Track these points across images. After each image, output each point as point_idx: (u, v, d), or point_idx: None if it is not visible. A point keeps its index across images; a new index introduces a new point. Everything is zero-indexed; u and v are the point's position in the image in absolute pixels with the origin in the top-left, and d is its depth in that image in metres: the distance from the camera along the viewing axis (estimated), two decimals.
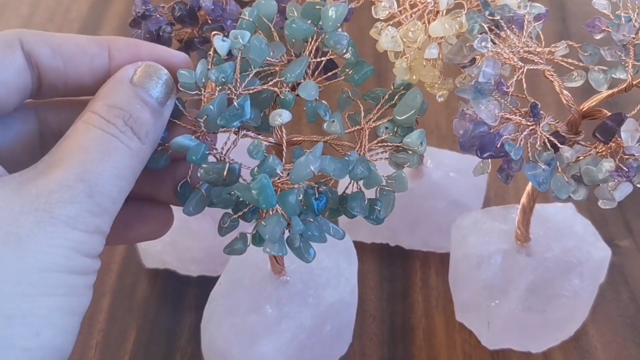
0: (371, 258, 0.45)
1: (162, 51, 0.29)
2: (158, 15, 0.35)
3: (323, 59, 0.29)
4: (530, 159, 0.29)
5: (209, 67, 0.28)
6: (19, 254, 0.22)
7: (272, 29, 0.29)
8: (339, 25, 0.28)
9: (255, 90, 0.28)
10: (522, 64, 0.30)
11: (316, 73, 0.30)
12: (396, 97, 0.30)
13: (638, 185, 0.29)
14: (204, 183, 0.28)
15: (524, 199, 0.36)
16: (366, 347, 0.40)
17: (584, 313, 0.40)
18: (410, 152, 0.28)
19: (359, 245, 0.39)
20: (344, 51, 0.29)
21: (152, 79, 0.27)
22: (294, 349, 0.35)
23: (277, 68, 0.29)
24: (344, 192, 0.28)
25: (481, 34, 0.30)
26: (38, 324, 0.22)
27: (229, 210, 0.28)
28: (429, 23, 0.33)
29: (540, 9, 0.31)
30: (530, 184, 0.35)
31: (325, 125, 0.28)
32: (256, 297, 0.35)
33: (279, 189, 0.27)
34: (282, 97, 0.28)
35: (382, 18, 0.33)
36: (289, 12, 0.30)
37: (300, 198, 0.26)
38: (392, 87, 0.31)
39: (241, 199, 0.27)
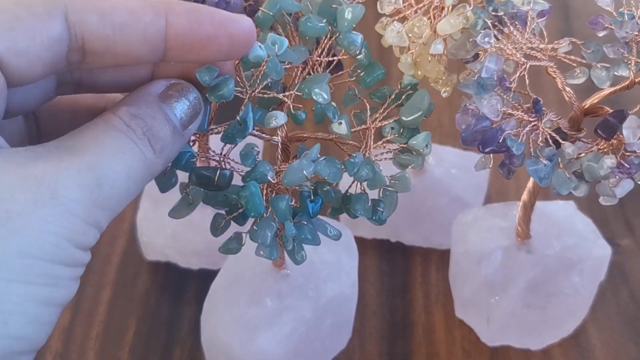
0: (372, 254, 0.45)
1: (225, 17, 0.26)
2: None
3: (334, 58, 0.29)
4: (532, 154, 0.29)
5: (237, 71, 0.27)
6: (3, 233, 0.21)
7: (290, 25, 0.29)
8: (354, 26, 0.28)
9: (270, 95, 0.28)
10: (525, 60, 0.30)
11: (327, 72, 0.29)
12: (403, 97, 0.30)
13: (639, 182, 0.29)
14: (192, 189, 0.28)
15: (524, 196, 0.36)
16: (366, 341, 0.40)
17: (583, 311, 0.40)
18: (415, 153, 0.28)
19: (360, 241, 0.39)
20: (357, 52, 0.29)
21: (180, 98, 0.26)
22: (294, 342, 0.35)
23: (291, 73, 0.29)
24: (347, 191, 0.28)
25: (484, 29, 0.30)
26: (7, 312, 0.21)
27: (222, 211, 0.28)
28: (434, 19, 0.33)
29: (544, 6, 0.31)
30: (531, 180, 0.35)
31: (332, 126, 0.28)
32: (257, 290, 0.35)
33: (274, 192, 0.27)
34: (295, 114, 0.28)
35: (387, 13, 0.33)
36: (305, 8, 0.29)
37: (291, 203, 0.27)
38: (399, 87, 0.30)
39: (233, 202, 0.27)
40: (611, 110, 0.30)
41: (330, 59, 0.29)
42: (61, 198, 0.22)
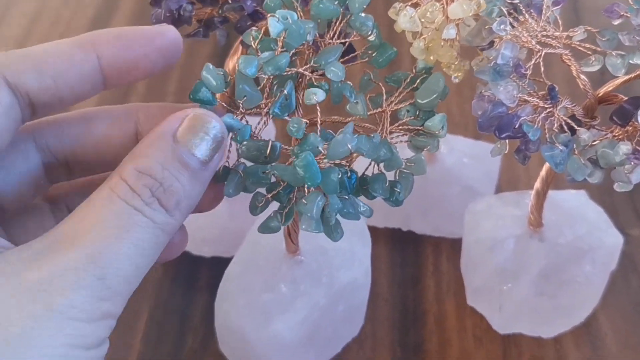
0: (383, 243, 0.45)
1: (150, 34, 0.26)
2: None
3: (347, 40, 0.29)
4: (548, 140, 0.29)
5: (256, 51, 0.27)
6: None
7: (299, 8, 0.29)
8: (365, 7, 0.29)
9: (290, 72, 0.28)
10: (540, 48, 0.30)
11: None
12: (418, 80, 0.30)
13: None
14: (239, 165, 0.28)
15: (537, 184, 0.36)
16: (377, 330, 0.41)
17: (594, 299, 0.40)
18: (430, 135, 0.28)
19: (372, 230, 0.39)
20: (369, 33, 0.29)
21: (198, 134, 0.24)
22: (307, 328, 0.35)
23: (303, 48, 0.29)
24: (363, 173, 0.29)
25: (500, 17, 0.30)
26: None
27: (262, 190, 0.28)
28: (447, 4, 0.33)
29: None
30: (544, 168, 0.35)
31: (348, 106, 0.28)
32: (271, 276, 0.36)
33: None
34: (316, 84, 0.28)
35: None
36: None
37: (340, 176, 0.27)
38: (413, 71, 0.31)
39: (273, 180, 0.27)
40: (626, 98, 0.30)
41: (342, 40, 0.29)
42: (59, 307, 0.21)
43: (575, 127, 0.30)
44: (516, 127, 0.29)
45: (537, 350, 0.39)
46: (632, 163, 0.29)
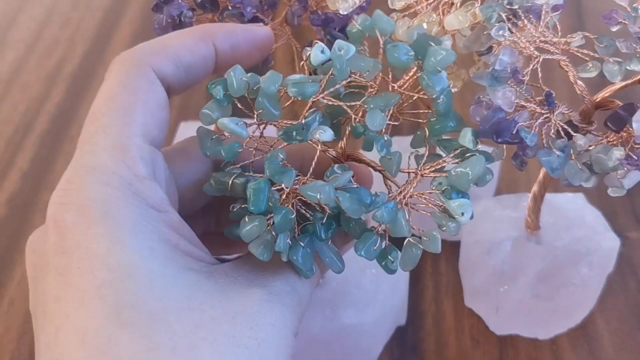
0: None
1: (252, 32, 0.29)
2: (180, 1, 0.36)
3: (416, 95, 0.28)
4: (545, 146, 0.30)
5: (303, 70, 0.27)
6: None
7: (381, 46, 0.27)
8: (439, 69, 0.26)
9: (333, 104, 0.27)
10: (538, 54, 0.31)
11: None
12: (467, 155, 0.27)
13: None
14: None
15: (535, 187, 0.36)
16: None
17: (591, 302, 0.40)
18: (450, 217, 0.26)
19: None
20: (435, 97, 0.27)
21: None
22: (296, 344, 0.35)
23: (368, 83, 0.27)
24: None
25: (499, 22, 0.31)
26: None
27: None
28: (443, 15, 0.33)
29: (558, 0, 0.32)
30: (542, 172, 0.36)
31: (380, 159, 0.27)
32: None
33: (290, 196, 0.26)
34: (355, 126, 0.27)
35: (398, 9, 0.33)
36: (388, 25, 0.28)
37: (292, 217, 0.25)
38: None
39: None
40: (622, 104, 0.31)
41: (414, 94, 0.28)
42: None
43: (572, 132, 0.30)
44: (514, 132, 0.29)
45: (534, 351, 0.40)
46: (625, 168, 0.30)
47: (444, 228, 0.26)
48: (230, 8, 0.36)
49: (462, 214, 0.26)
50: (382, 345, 0.39)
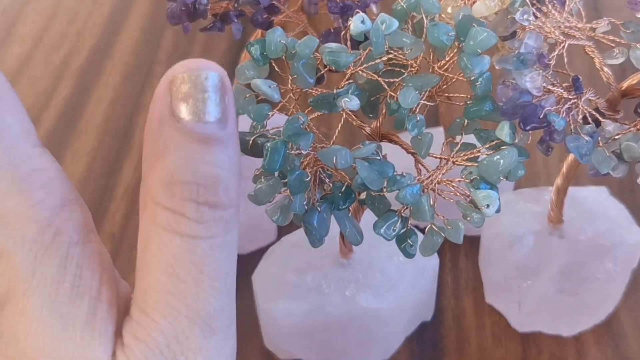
0: None
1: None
2: None
3: (455, 77, 0.27)
4: (572, 131, 0.29)
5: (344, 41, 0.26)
6: None
7: (425, 26, 0.27)
8: (479, 51, 0.26)
9: (371, 77, 0.26)
10: (564, 39, 0.30)
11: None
12: (501, 148, 0.27)
13: None
14: None
15: (558, 180, 0.36)
16: None
17: (616, 297, 0.39)
18: (475, 207, 0.26)
19: None
20: (472, 78, 0.26)
21: (197, 97, 0.20)
22: (305, 325, 0.35)
23: (410, 61, 0.27)
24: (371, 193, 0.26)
25: (523, 7, 0.30)
26: None
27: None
28: (467, 1, 0.33)
29: None
30: (565, 164, 0.35)
31: (411, 138, 0.27)
32: (309, 262, 0.35)
33: (310, 163, 0.26)
34: (390, 102, 0.26)
35: None
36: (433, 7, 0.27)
37: (307, 179, 0.25)
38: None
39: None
40: None
41: (454, 76, 0.27)
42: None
43: (600, 118, 0.29)
44: (541, 117, 0.28)
45: (557, 348, 0.38)
46: None
47: (468, 218, 0.26)
48: None
49: (488, 205, 0.25)
50: (402, 338, 0.38)
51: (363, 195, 0.27)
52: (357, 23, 0.26)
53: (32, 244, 0.19)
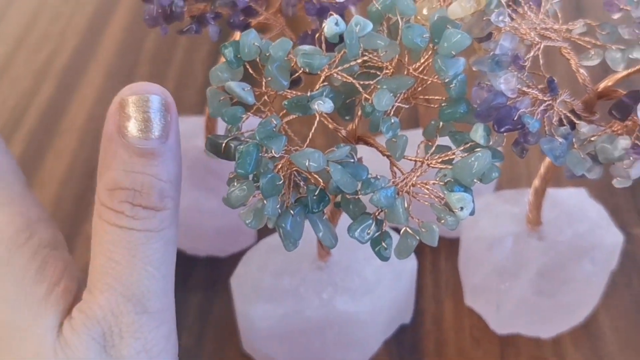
0: None
1: None
2: None
3: (430, 79, 0.27)
4: (547, 133, 0.29)
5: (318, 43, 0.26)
6: None
7: (400, 28, 0.26)
8: (453, 53, 0.26)
9: (346, 80, 0.26)
10: (539, 40, 0.30)
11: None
12: (474, 150, 0.26)
13: None
14: None
15: (536, 181, 0.35)
16: None
17: (595, 299, 0.39)
18: (449, 210, 0.25)
19: None
20: (447, 80, 0.26)
21: (140, 116, 0.24)
22: (281, 328, 0.35)
23: (384, 64, 0.26)
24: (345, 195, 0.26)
25: (498, 8, 0.30)
26: None
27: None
28: (444, 1, 0.32)
29: None
30: (543, 165, 0.35)
31: (385, 141, 0.26)
32: (286, 266, 0.35)
33: (284, 166, 0.26)
34: (364, 105, 0.26)
35: None
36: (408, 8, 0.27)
37: (279, 183, 0.25)
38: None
39: None
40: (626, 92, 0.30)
41: (429, 78, 0.27)
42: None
43: (575, 120, 0.29)
44: (515, 118, 0.28)
45: (536, 350, 0.38)
46: (632, 158, 0.29)
47: (442, 221, 0.25)
48: None
49: (462, 208, 0.25)
50: (381, 341, 0.38)
51: (339, 198, 0.27)
52: (330, 25, 0.26)
53: (9, 241, 0.25)
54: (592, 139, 0.29)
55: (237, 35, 0.37)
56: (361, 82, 0.26)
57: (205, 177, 0.41)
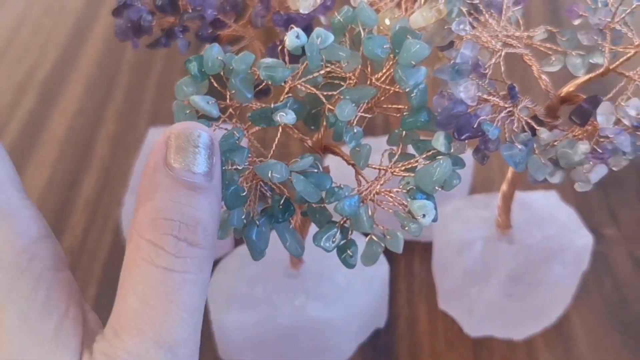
0: None
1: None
2: (139, 4, 0.36)
3: (392, 89, 0.27)
4: (507, 140, 0.29)
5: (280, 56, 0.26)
6: None
7: (361, 40, 0.27)
8: (413, 63, 0.26)
9: (309, 91, 0.26)
10: (501, 48, 0.30)
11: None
12: (436, 158, 0.27)
13: (613, 168, 0.29)
14: None
15: (503, 186, 0.36)
16: None
17: (566, 300, 0.40)
18: (412, 217, 0.25)
19: None
20: (407, 90, 0.26)
21: (188, 150, 0.23)
22: (255, 336, 0.35)
23: (347, 74, 0.27)
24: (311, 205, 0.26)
25: (459, 17, 0.30)
26: None
27: None
28: (406, 11, 0.33)
29: None
30: (510, 170, 0.35)
31: (350, 151, 0.27)
32: (260, 274, 0.36)
33: (249, 178, 0.26)
34: (328, 115, 0.27)
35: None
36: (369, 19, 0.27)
37: (243, 194, 0.25)
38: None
39: None
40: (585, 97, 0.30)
41: (391, 88, 0.27)
42: None
43: (536, 126, 0.30)
44: (475, 126, 0.29)
45: (508, 352, 0.39)
46: (591, 162, 0.29)
47: (406, 228, 0.26)
48: (190, 11, 0.36)
49: (424, 215, 0.25)
50: (355, 345, 0.39)
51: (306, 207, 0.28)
52: (292, 38, 0.26)
53: (10, 266, 0.23)
54: (555, 143, 0.30)
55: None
56: (324, 93, 0.27)
57: None
